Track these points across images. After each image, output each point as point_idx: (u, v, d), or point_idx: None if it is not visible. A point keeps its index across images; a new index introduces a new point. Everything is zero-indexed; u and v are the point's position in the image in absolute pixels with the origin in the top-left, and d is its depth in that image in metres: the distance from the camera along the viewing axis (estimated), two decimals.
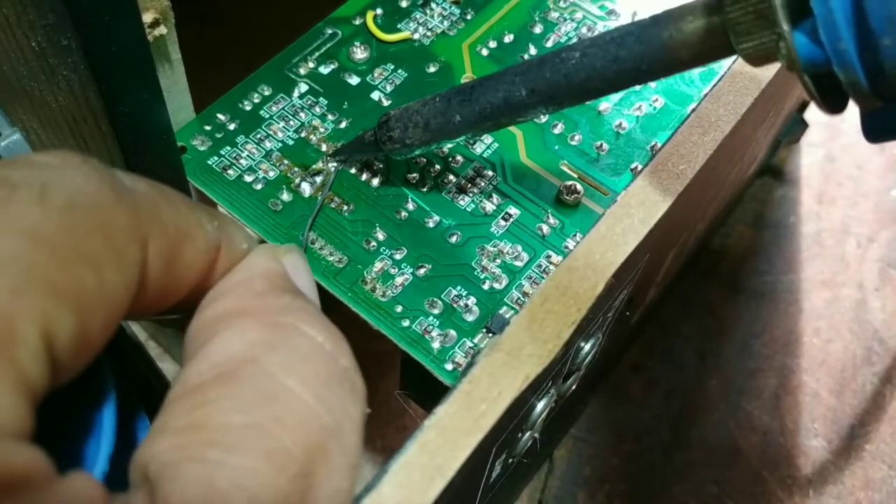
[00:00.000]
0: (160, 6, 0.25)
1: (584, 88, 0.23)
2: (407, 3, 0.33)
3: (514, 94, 0.23)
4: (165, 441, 0.14)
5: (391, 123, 0.26)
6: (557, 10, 0.33)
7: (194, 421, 0.14)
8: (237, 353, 0.15)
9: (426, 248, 0.27)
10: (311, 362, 0.15)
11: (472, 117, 0.24)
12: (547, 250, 0.27)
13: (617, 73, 0.22)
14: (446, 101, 0.25)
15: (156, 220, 0.15)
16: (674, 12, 0.21)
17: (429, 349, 0.25)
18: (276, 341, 0.15)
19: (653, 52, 0.21)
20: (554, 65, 0.22)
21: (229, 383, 0.14)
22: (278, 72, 0.31)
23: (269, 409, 0.14)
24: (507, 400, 0.20)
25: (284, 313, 0.16)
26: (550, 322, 0.21)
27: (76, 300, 0.13)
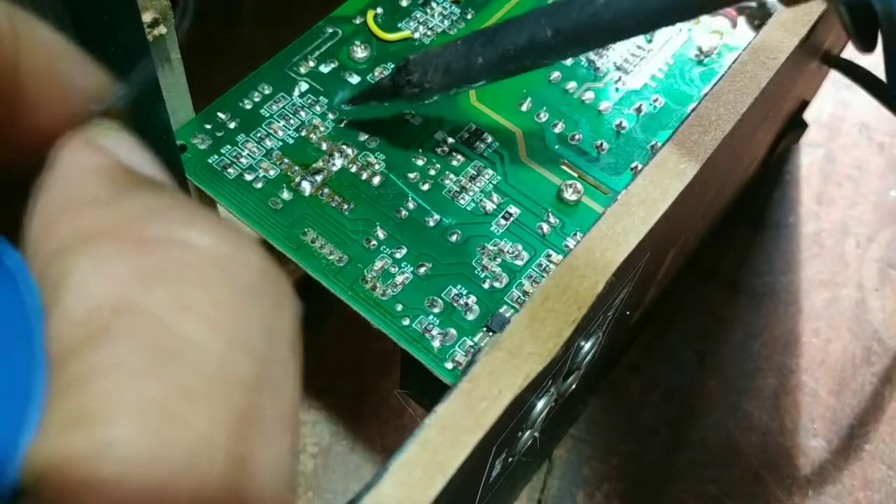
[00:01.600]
0: (159, 6, 0.25)
1: (612, 28, 0.22)
2: (407, 3, 0.33)
3: (538, 35, 0.23)
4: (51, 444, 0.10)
5: (410, 67, 0.26)
6: None
7: (75, 410, 0.10)
8: (106, 299, 0.10)
9: (426, 247, 0.27)
10: (207, 284, 0.11)
11: (495, 59, 0.24)
12: (547, 249, 0.27)
13: (645, 13, 0.22)
14: (468, 44, 0.25)
15: None
16: None
17: (429, 348, 0.25)
18: (152, 267, 0.11)
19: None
20: (581, 5, 0.22)
21: (105, 345, 0.10)
22: (279, 71, 0.31)
23: (169, 377, 0.10)
24: (507, 398, 0.20)
25: (150, 222, 0.11)
26: (551, 321, 0.21)
27: None
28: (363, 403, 0.46)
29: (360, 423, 0.45)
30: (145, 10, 0.24)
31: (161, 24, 0.25)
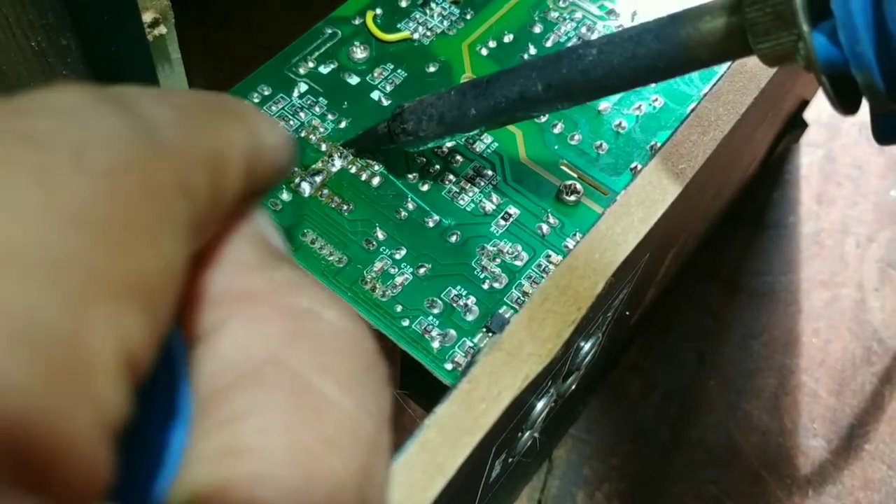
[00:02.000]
0: (160, 5, 0.25)
1: (601, 85, 0.23)
2: (406, 3, 0.33)
3: (529, 89, 0.24)
4: (203, 474, 0.11)
5: (405, 116, 0.26)
6: (557, 10, 0.33)
7: (227, 445, 0.11)
8: (255, 351, 0.12)
9: (426, 248, 0.27)
10: (341, 355, 0.12)
11: (488, 111, 0.25)
12: (547, 250, 0.27)
13: (634, 70, 0.22)
14: (461, 94, 0.25)
15: (193, 154, 0.12)
16: (692, 12, 0.21)
17: (428, 349, 0.25)
18: (297, 333, 0.12)
19: (670, 50, 0.21)
20: (571, 61, 0.23)
21: (255, 391, 0.11)
22: (278, 71, 0.31)
23: (312, 427, 0.11)
24: (507, 399, 0.20)
25: (293, 292, 0.13)
26: (550, 321, 0.21)
27: (144, 294, 0.10)
28: None
29: None
30: (145, 10, 0.24)
31: (161, 24, 0.25)
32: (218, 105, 0.13)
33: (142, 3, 0.24)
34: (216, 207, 0.12)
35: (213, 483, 0.11)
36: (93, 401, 0.09)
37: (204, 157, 0.12)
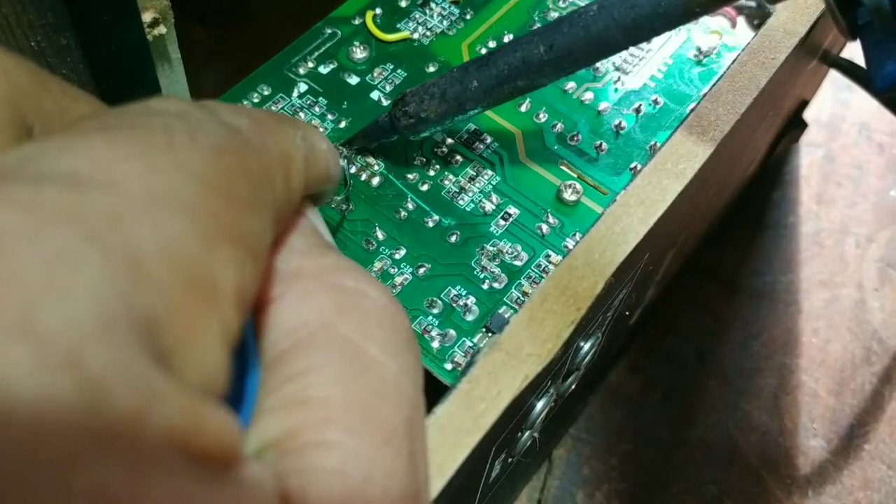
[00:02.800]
0: (159, 5, 0.25)
1: (602, 40, 0.23)
2: (406, 3, 0.33)
3: (532, 53, 0.23)
4: (274, 422, 0.13)
5: (407, 98, 0.26)
6: (557, 10, 0.33)
7: (293, 397, 0.13)
8: (309, 319, 0.14)
9: (425, 248, 0.27)
10: (383, 327, 0.14)
11: (490, 81, 0.25)
12: (546, 250, 0.27)
13: (634, 20, 0.22)
14: (464, 69, 0.25)
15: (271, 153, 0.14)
16: None
17: (428, 349, 0.25)
18: (344, 305, 0.14)
19: None
20: (572, 19, 0.23)
21: (313, 352, 0.13)
22: (278, 71, 0.31)
23: (363, 382, 0.13)
24: (506, 399, 0.20)
25: (338, 273, 0.15)
26: (550, 321, 0.21)
27: (251, 248, 0.12)
28: None
29: None
30: (145, 10, 0.24)
31: (161, 24, 0.25)
32: (279, 116, 0.16)
33: (141, 3, 0.24)
34: (289, 201, 0.15)
35: (285, 429, 0.12)
36: (219, 317, 0.12)
37: (278, 155, 0.14)
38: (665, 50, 0.32)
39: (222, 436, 0.11)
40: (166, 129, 0.12)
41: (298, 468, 0.12)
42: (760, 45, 0.27)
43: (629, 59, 0.32)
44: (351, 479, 0.12)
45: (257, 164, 0.13)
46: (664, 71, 0.32)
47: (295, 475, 0.12)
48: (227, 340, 0.12)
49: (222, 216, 0.12)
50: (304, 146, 0.15)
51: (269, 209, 0.14)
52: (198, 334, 0.11)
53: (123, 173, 0.11)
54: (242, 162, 0.13)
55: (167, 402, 0.10)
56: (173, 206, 0.11)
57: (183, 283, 0.11)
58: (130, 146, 0.12)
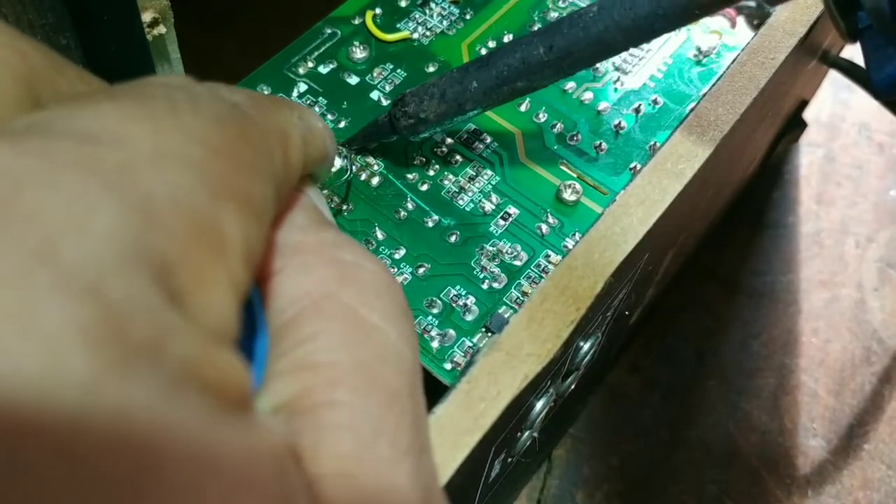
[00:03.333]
0: (159, 5, 0.25)
1: (602, 40, 0.23)
2: (406, 3, 0.33)
3: (531, 54, 0.23)
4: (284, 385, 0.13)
5: (406, 99, 0.26)
6: (557, 10, 0.33)
7: (301, 361, 0.13)
8: (312, 289, 0.14)
9: (425, 248, 0.27)
10: (381, 295, 0.15)
11: (490, 82, 0.24)
12: (546, 250, 0.27)
13: (634, 20, 0.22)
14: (463, 70, 0.25)
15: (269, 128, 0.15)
16: None
17: (428, 348, 0.25)
18: (344, 277, 0.14)
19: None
20: (572, 20, 0.23)
21: (317, 319, 0.14)
22: (277, 71, 0.31)
23: (367, 347, 0.14)
24: (506, 399, 0.20)
25: (337, 248, 0.15)
26: (549, 322, 0.21)
27: (256, 209, 0.13)
28: None
29: None
30: (145, 10, 0.24)
31: (161, 24, 0.25)
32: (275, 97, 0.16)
33: (141, 3, 0.24)
34: (288, 177, 0.15)
35: (295, 391, 0.13)
36: (228, 268, 0.12)
37: (275, 130, 0.15)
38: (665, 50, 0.32)
39: (235, 375, 0.11)
40: (170, 98, 0.13)
41: (310, 426, 0.13)
42: (760, 45, 0.27)
43: (629, 59, 0.32)
44: (361, 434, 0.13)
45: (257, 136, 0.14)
46: (664, 71, 0.32)
47: (307, 432, 0.12)
48: (237, 293, 0.12)
49: (227, 177, 0.12)
50: (300, 125, 0.16)
51: (271, 180, 0.14)
52: (208, 281, 0.12)
53: (132, 132, 0.12)
54: (243, 132, 0.13)
55: (182, 336, 0.11)
56: (181, 162, 0.12)
57: (192, 233, 0.11)
58: (137, 109, 0.12)
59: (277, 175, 0.14)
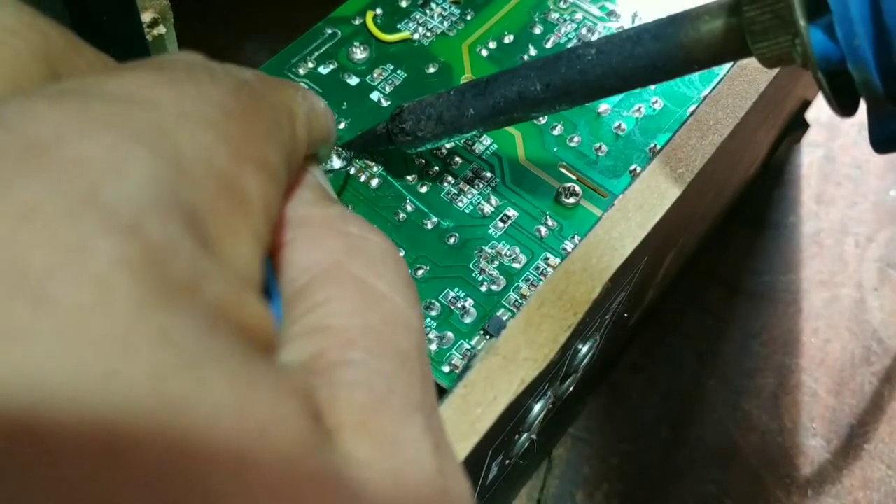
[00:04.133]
0: (159, 6, 0.25)
1: (599, 85, 0.23)
2: (407, 3, 0.33)
3: (528, 89, 0.24)
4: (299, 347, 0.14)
5: (404, 115, 0.26)
6: (557, 11, 0.33)
7: (315, 324, 0.14)
8: (321, 258, 0.15)
9: (424, 250, 0.27)
10: (387, 265, 0.15)
11: (486, 111, 0.25)
12: (545, 252, 0.27)
13: (632, 70, 0.22)
14: (460, 94, 0.25)
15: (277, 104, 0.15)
16: (691, 12, 0.21)
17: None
18: (351, 248, 0.15)
19: (669, 50, 0.21)
20: (570, 60, 0.23)
21: (328, 286, 0.14)
22: (277, 72, 0.31)
23: (377, 313, 0.14)
24: (503, 404, 0.20)
25: (343, 221, 0.16)
26: (547, 326, 0.21)
27: (274, 173, 0.14)
28: None
29: None
30: (145, 10, 0.24)
31: (160, 24, 0.25)
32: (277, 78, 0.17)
33: (141, 3, 0.24)
34: (296, 151, 0.16)
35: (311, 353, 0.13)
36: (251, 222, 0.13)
37: (282, 105, 0.15)
38: None
39: (263, 320, 0.12)
40: (189, 68, 0.14)
41: (325, 383, 0.13)
42: None
43: None
44: (376, 389, 0.13)
45: (267, 108, 0.15)
46: None
47: (323, 388, 0.13)
48: (260, 245, 0.13)
49: (246, 141, 0.13)
50: (304, 104, 0.16)
51: (282, 150, 0.15)
52: (235, 232, 0.12)
53: (158, 95, 0.12)
54: (255, 104, 0.14)
55: (216, 278, 0.11)
56: (204, 123, 0.13)
57: (219, 186, 0.12)
58: (160, 76, 0.13)
59: (287, 147, 0.15)
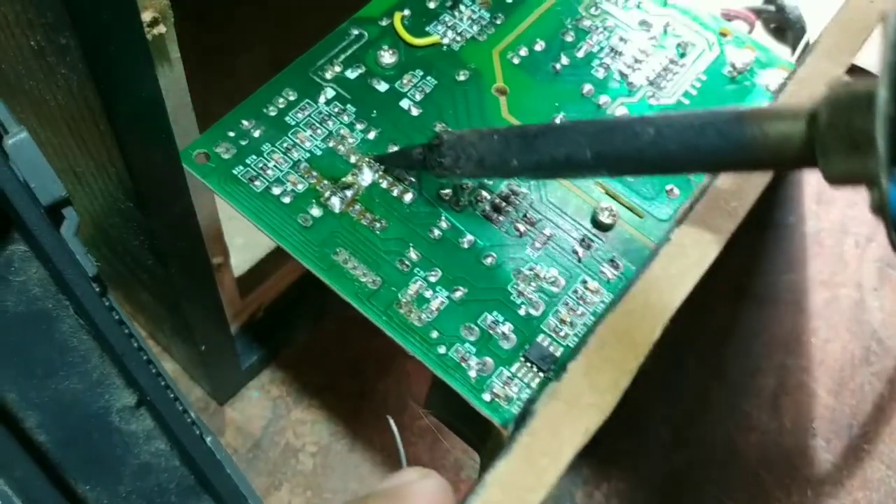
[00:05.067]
0: (159, 5, 0.24)
1: (653, 165, 0.22)
2: (435, 5, 0.32)
3: (577, 154, 0.23)
4: None
5: (443, 150, 0.25)
6: (590, 18, 0.32)
7: None
8: None
9: (461, 271, 0.27)
10: None
11: (530, 165, 0.24)
12: (583, 275, 0.27)
13: (690, 161, 0.22)
14: (505, 142, 0.24)
15: None
16: (762, 113, 0.20)
17: (466, 378, 0.25)
18: None
19: (732, 148, 0.21)
20: (626, 136, 0.22)
21: None
22: (303, 74, 0.30)
23: None
24: (568, 454, 0.20)
25: None
26: (608, 370, 0.21)
27: None
28: (362, 403, 0.45)
29: (360, 422, 0.44)
30: (144, 10, 0.24)
31: (161, 24, 0.25)
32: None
33: (141, 2, 0.23)
34: None
35: None
36: None
37: None
38: (698, 64, 0.32)
39: None
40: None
41: None
42: (807, 75, 0.26)
43: (662, 73, 0.31)
44: None
45: None
46: (698, 87, 0.31)
47: None
48: None
49: None
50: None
51: None
52: None
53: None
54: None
55: None
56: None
57: None
58: None
59: None
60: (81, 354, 0.25)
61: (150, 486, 0.25)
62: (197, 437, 0.25)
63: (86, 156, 0.29)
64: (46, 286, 0.24)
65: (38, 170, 0.23)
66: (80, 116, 0.26)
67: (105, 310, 0.23)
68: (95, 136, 0.26)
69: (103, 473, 0.25)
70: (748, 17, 0.40)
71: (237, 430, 0.44)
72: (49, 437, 0.24)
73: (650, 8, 0.33)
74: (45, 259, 0.23)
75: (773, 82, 0.31)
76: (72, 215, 0.24)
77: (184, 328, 0.37)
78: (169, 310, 0.37)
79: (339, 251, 0.27)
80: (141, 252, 0.33)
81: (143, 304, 0.40)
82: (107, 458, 0.25)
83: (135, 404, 0.25)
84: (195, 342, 0.38)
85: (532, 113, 0.30)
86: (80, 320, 0.24)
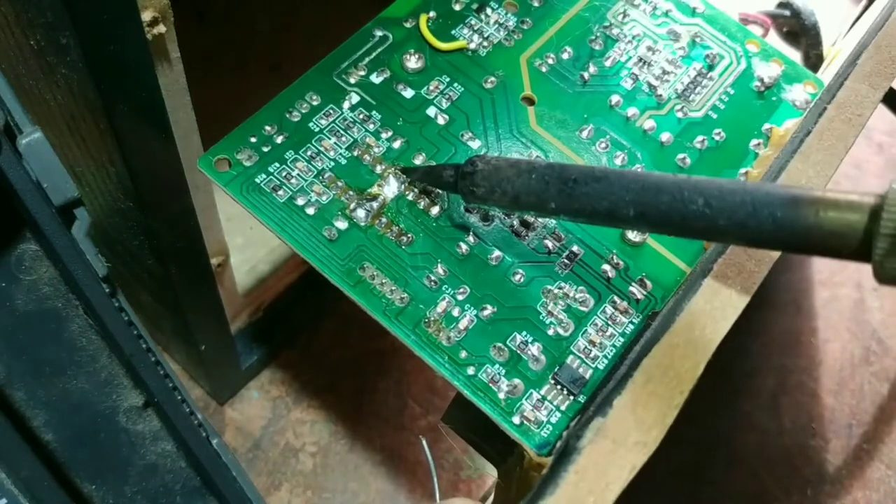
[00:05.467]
0: (159, 4, 0.24)
1: (697, 233, 0.22)
2: (460, 7, 0.32)
3: (620, 210, 0.22)
4: None
5: (477, 180, 0.25)
6: (618, 27, 0.32)
7: None
8: None
9: (489, 288, 0.26)
10: None
11: (568, 211, 0.23)
12: (612, 295, 0.27)
13: (736, 237, 0.21)
14: (543, 182, 0.23)
15: None
16: (819, 200, 0.20)
17: (496, 400, 0.25)
18: None
19: (784, 234, 0.20)
20: (673, 201, 0.21)
21: None
22: (326, 78, 0.29)
23: None
24: (615, 492, 0.20)
25: None
26: (654, 405, 0.21)
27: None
28: (362, 403, 0.45)
29: (359, 422, 0.44)
30: (144, 9, 0.24)
31: (161, 23, 0.24)
32: None
33: (141, 2, 0.23)
34: None
35: None
36: None
37: None
38: (726, 77, 0.31)
39: None
40: None
41: None
42: (846, 99, 0.26)
43: (690, 85, 0.31)
44: None
45: None
46: (726, 101, 0.31)
47: None
48: None
49: None
50: None
51: None
52: None
53: None
54: None
55: None
56: None
57: None
58: None
59: None
60: (90, 354, 0.25)
61: (155, 486, 0.25)
62: (203, 439, 0.25)
63: (86, 156, 0.28)
64: (56, 286, 0.24)
65: (51, 170, 0.23)
66: (80, 116, 0.26)
67: (114, 310, 0.23)
68: (95, 135, 0.26)
69: (109, 473, 0.25)
70: (764, 22, 0.39)
71: (237, 430, 0.44)
72: (56, 436, 0.24)
73: (678, 17, 0.33)
74: (56, 259, 0.23)
75: (800, 98, 0.31)
76: (83, 216, 0.24)
77: (184, 328, 0.37)
78: (169, 310, 0.37)
79: (366, 266, 0.26)
80: (141, 252, 0.32)
81: (143, 304, 0.39)
82: (113, 458, 0.25)
83: (142, 405, 0.24)
84: (195, 342, 0.38)
85: (561, 125, 0.30)
86: (90, 320, 0.24)
